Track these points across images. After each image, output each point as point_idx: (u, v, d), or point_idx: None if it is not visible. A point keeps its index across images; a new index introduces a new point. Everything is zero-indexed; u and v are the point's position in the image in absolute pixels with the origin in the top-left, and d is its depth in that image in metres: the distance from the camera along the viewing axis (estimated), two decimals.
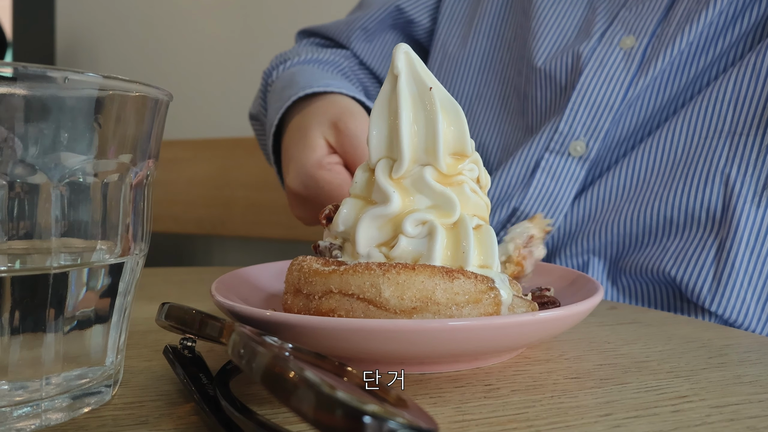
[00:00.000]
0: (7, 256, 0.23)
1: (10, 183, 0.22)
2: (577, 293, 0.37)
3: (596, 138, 0.62)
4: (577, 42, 0.66)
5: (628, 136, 0.63)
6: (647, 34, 0.62)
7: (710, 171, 0.55)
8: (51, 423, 0.24)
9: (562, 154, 0.63)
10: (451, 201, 0.33)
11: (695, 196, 0.56)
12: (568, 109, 0.63)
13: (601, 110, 0.62)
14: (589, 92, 0.63)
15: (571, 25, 0.68)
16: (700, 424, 0.25)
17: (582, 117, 0.63)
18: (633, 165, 0.60)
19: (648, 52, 0.62)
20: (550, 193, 0.63)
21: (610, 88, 0.62)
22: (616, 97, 0.62)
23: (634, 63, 0.62)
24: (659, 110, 0.62)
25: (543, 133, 0.64)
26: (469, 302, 0.30)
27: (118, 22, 1.73)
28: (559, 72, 0.66)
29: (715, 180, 0.55)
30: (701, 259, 0.55)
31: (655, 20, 0.62)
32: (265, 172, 1.35)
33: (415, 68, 0.34)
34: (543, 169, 0.64)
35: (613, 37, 0.63)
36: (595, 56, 0.63)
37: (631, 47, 0.62)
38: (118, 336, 0.27)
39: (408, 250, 0.33)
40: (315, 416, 0.16)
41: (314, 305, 0.31)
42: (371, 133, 0.35)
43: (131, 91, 0.25)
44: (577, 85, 0.63)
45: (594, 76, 0.63)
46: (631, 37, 0.62)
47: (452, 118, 0.34)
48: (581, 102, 0.63)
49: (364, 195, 0.36)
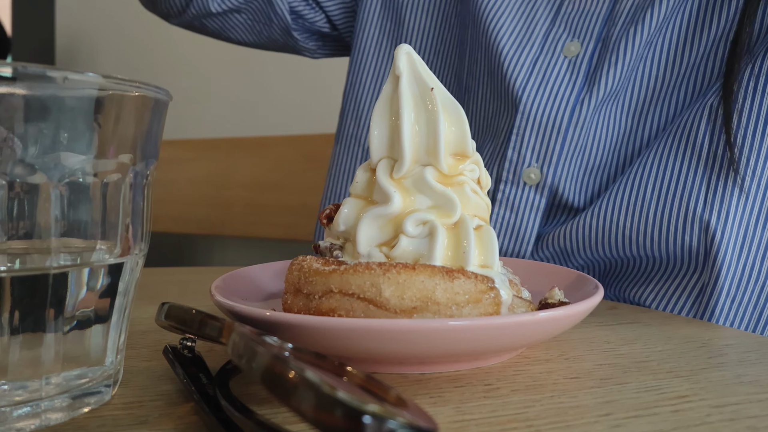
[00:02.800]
0: (6, 256, 0.23)
1: (9, 183, 0.22)
2: (577, 293, 0.37)
3: (549, 163, 0.56)
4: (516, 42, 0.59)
5: (597, 166, 0.56)
6: (593, 38, 0.56)
7: (687, 216, 0.50)
8: (51, 423, 0.24)
9: (516, 184, 0.58)
10: (452, 201, 0.33)
11: (673, 241, 0.51)
12: (513, 135, 0.57)
13: (549, 132, 0.56)
14: (533, 113, 0.57)
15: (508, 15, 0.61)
16: (700, 424, 0.25)
17: (530, 142, 0.57)
18: (605, 206, 0.54)
19: (594, 60, 0.56)
20: (512, 225, 0.59)
21: (555, 105, 0.56)
22: (563, 116, 0.55)
23: (580, 74, 0.56)
24: (625, 138, 0.56)
25: (493, 164, 0.59)
26: (470, 302, 0.30)
27: (118, 22, 1.73)
28: (499, 78, 0.60)
29: (693, 226, 0.50)
30: (681, 300, 0.52)
31: (601, 18, 0.56)
32: (265, 172, 1.35)
33: (416, 69, 0.35)
34: (500, 201, 0.59)
35: (556, 43, 0.58)
36: (538, 68, 0.57)
37: (575, 54, 0.56)
38: (117, 336, 0.27)
39: (409, 250, 0.33)
40: (315, 416, 0.16)
41: (314, 305, 0.31)
42: (372, 133, 0.35)
43: (131, 91, 0.25)
44: (520, 106, 0.57)
45: (537, 93, 0.57)
46: (576, 43, 0.56)
47: (453, 119, 0.34)
48: (527, 125, 0.57)
49: (365, 195, 0.36)
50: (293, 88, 1.46)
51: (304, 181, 1.29)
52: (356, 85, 0.75)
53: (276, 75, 1.48)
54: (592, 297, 0.32)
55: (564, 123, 0.56)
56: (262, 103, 1.51)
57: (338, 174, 0.75)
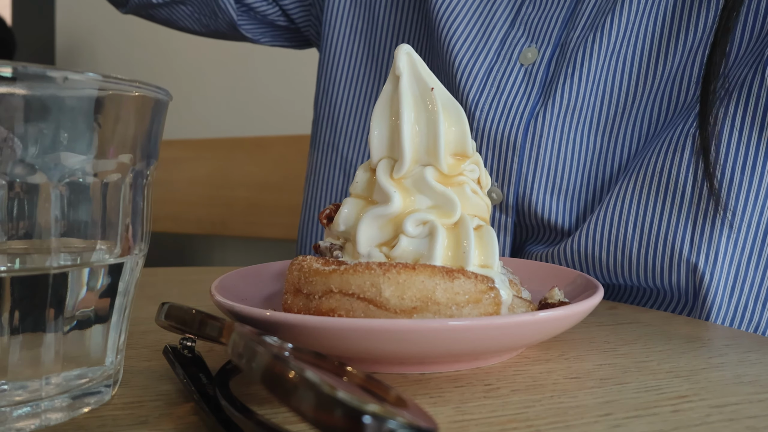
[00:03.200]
0: (6, 256, 0.23)
1: (9, 183, 0.22)
2: (577, 293, 0.37)
3: (508, 182, 0.53)
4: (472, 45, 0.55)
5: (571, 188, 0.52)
6: (550, 43, 0.51)
7: (673, 258, 0.46)
8: (51, 423, 0.24)
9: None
10: (452, 201, 0.33)
11: (660, 279, 0.47)
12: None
13: (504, 149, 0.52)
14: (487, 129, 0.52)
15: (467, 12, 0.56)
16: (700, 424, 0.25)
17: (486, 160, 0.53)
18: (588, 235, 0.50)
19: (551, 69, 0.51)
20: None
21: (509, 120, 0.51)
22: (518, 131, 0.51)
23: (535, 84, 0.51)
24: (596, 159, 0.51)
25: None
26: (470, 302, 0.30)
27: (118, 22, 1.73)
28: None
29: (681, 268, 0.46)
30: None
31: (560, 21, 0.51)
32: (265, 172, 1.35)
33: (417, 69, 0.35)
34: None
35: (512, 49, 0.53)
36: (492, 78, 0.53)
37: (532, 62, 0.52)
38: (118, 336, 0.27)
39: (409, 250, 0.33)
40: (315, 416, 0.16)
41: (314, 305, 0.31)
42: (372, 133, 0.35)
43: (131, 91, 0.25)
44: (474, 122, 0.53)
45: (491, 106, 0.52)
46: (533, 48, 0.52)
47: (454, 119, 0.34)
48: (482, 142, 0.53)
49: (365, 195, 0.36)
50: (293, 88, 1.46)
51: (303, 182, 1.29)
52: (329, 90, 0.71)
53: (276, 75, 1.48)
54: (592, 297, 0.32)
55: (519, 139, 0.52)
56: (262, 103, 1.51)
57: (316, 183, 0.72)
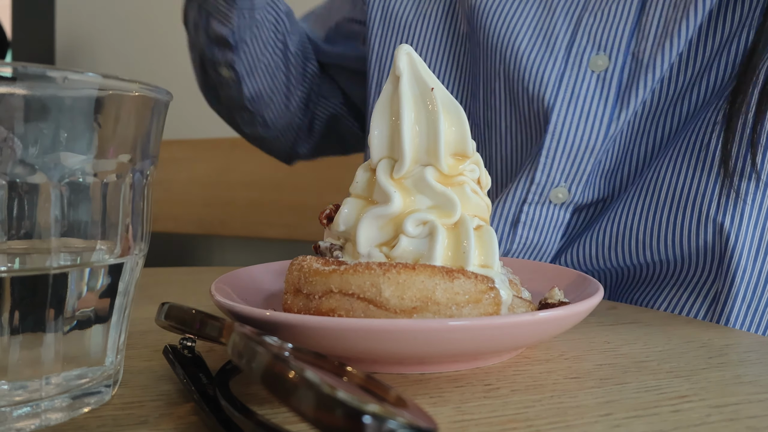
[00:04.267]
0: (6, 256, 0.23)
1: (9, 183, 0.22)
2: (577, 293, 0.37)
3: (578, 183, 0.55)
4: (537, 55, 0.56)
5: (610, 171, 0.56)
6: (621, 52, 0.53)
7: (701, 218, 0.49)
8: (51, 423, 0.24)
9: (542, 204, 0.56)
10: (452, 201, 0.33)
11: (687, 244, 0.50)
12: (542, 156, 0.55)
13: (581, 153, 0.54)
14: (564, 133, 0.54)
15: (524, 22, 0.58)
16: (700, 424, 0.25)
17: (560, 163, 0.54)
18: (620, 210, 0.54)
19: (626, 75, 0.53)
20: (534, 243, 0.57)
21: (588, 125, 0.53)
22: (597, 135, 0.53)
23: (611, 91, 0.53)
24: (638, 141, 0.55)
25: (517, 185, 0.57)
26: (470, 302, 0.30)
27: (118, 22, 1.73)
28: (522, 98, 0.57)
29: (708, 228, 0.49)
30: (695, 307, 0.51)
31: (627, 31, 0.53)
32: (265, 172, 1.35)
33: (416, 69, 0.35)
34: (524, 223, 0.56)
35: (581, 56, 0.54)
36: (565, 84, 0.54)
37: (604, 69, 0.53)
38: (117, 336, 0.27)
39: (409, 250, 0.33)
40: (315, 416, 0.16)
41: (314, 305, 0.31)
42: (372, 132, 0.35)
43: (131, 91, 0.25)
44: (549, 128, 0.54)
45: (568, 112, 0.54)
46: (603, 56, 0.53)
47: (453, 119, 0.34)
48: (557, 146, 0.54)
49: (365, 195, 0.36)
50: None
51: (304, 181, 1.29)
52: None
53: None
54: (592, 297, 0.32)
55: (598, 142, 0.53)
56: None
57: None
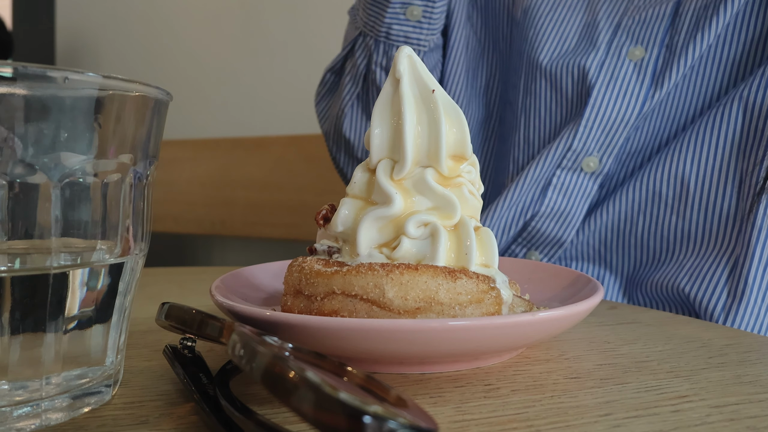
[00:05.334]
0: (7, 256, 0.23)
1: (10, 183, 0.22)
2: (577, 293, 0.37)
3: (610, 153, 0.61)
4: (581, 50, 0.64)
5: (640, 148, 0.62)
6: (656, 44, 0.60)
7: (726, 187, 0.55)
8: (51, 423, 0.24)
9: (574, 171, 0.62)
10: (453, 203, 0.33)
11: (711, 212, 0.55)
12: (581, 126, 0.61)
13: (616, 126, 0.61)
14: (602, 108, 0.61)
15: (571, 29, 0.66)
16: (700, 424, 0.25)
17: (596, 133, 0.61)
18: (647, 179, 0.59)
19: (660, 63, 0.60)
20: (562, 210, 0.62)
21: (624, 103, 0.61)
22: (632, 112, 0.60)
23: (647, 76, 0.60)
24: (671, 123, 0.61)
25: (554, 149, 0.62)
26: (472, 302, 0.30)
27: (118, 22, 1.73)
28: (565, 81, 0.64)
29: (732, 196, 0.54)
30: (716, 276, 0.54)
31: (662, 29, 0.60)
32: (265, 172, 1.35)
33: (417, 71, 0.35)
34: (555, 186, 0.62)
35: (620, 48, 0.62)
36: (605, 70, 0.61)
37: (641, 58, 0.61)
38: (118, 336, 0.27)
39: (411, 252, 0.33)
40: (315, 416, 0.16)
41: (316, 306, 0.31)
42: (373, 132, 0.35)
43: (131, 91, 0.25)
44: (590, 101, 0.61)
45: (606, 91, 0.61)
46: (640, 48, 0.61)
47: (454, 121, 0.34)
48: (595, 118, 0.61)
49: (364, 195, 0.35)
50: (294, 88, 1.46)
51: (304, 181, 1.29)
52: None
53: (276, 75, 1.48)
54: (592, 297, 0.32)
55: (633, 117, 0.60)
56: (262, 103, 1.51)
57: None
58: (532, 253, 0.65)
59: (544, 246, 0.64)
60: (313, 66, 1.43)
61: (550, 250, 0.64)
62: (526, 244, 0.65)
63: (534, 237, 0.64)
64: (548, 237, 0.63)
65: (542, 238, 0.64)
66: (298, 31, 1.45)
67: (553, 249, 0.64)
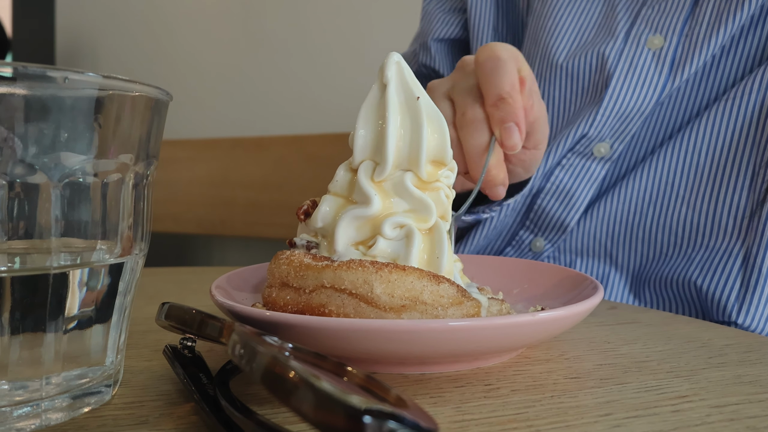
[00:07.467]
0: (7, 255, 0.23)
1: (10, 183, 0.22)
2: (577, 293, 0.37)
3: (622, 140, 0.62)
4: (599, 40, 0.64)
5: (650, 136, 0.62)
6: (675, 33, 0.60)
7: (738, 176, 0.55)
8: (51, 423, 0.24)
9: (585, 155, 0.63)
10: (428, 207, 0.34)
11: (723, 202, 0.55)
12: (599, 114, 0.61)
13: (632, 114, 0.61)
14: (621, 97, 0.61)
15: (589, 22, 0.66)
16: (700, 424, 0.25)
17: (612, 121, 0.61)
18: (657, 168, 0.59)
19: (679, 52, 0.60)
20: (567, 189, 0.63)
21: (642, 92, 0.60)
22: (649, 101, 0.60)
23: (665, 65, 0.60)
24: (684, 110, 0.60)
25: (568, 137, 0.63)
26: (453, 304, 0.31)
27: (118, 22, 1.73)
28: (583, 72, 0.64)
29: (744, 186, 0.55)
30: (727, 268, 0.54)
31: (682, 18, 0.60)
32: (265, 172, 1.35)
33: (404, 78, 0.36)
34: (563, 165, 0.63)
35: (639, 37, 0.61)
36: (624, 58, 0.61)
37: (659, 47, 0.61)
38: (118, 336, 0.27)
39: (386, 252, 0.34)
40: (315, 416, 0.16)
41: (304, 299, 0.31)
42: (357, 133, 0.36)
43: (131, 91, 0.25)
44: (608, 90, 0.61)
45: (625, 80, 0.61)
46: (659, 37, 0.60)
47: (435, 127, 0.35)
48: (613, 107, 0.61)
49: (344, 194, 0.36)
50: (294, 88, 1.46)
51: (304, 181, 1.29)
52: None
53: (276, 75, 1.49)
54: (592, 297, 0.32)
55: (649, 107, 0.60)
56: (262, 103, 1.51)
57: None
58: (538, 240, 0.65)
59: (549, 230, 0.64)
60: (313, 66, 1.43)
61: (554, 236, 0.64)
62: (533, 228, 0.65)
63: (539, 219, 0.64)
64: (552, 219, 0.63)
65: (547, 219, 0.64)
66: (298, 31, 1.45)
67: (558, 234, 0.64)
